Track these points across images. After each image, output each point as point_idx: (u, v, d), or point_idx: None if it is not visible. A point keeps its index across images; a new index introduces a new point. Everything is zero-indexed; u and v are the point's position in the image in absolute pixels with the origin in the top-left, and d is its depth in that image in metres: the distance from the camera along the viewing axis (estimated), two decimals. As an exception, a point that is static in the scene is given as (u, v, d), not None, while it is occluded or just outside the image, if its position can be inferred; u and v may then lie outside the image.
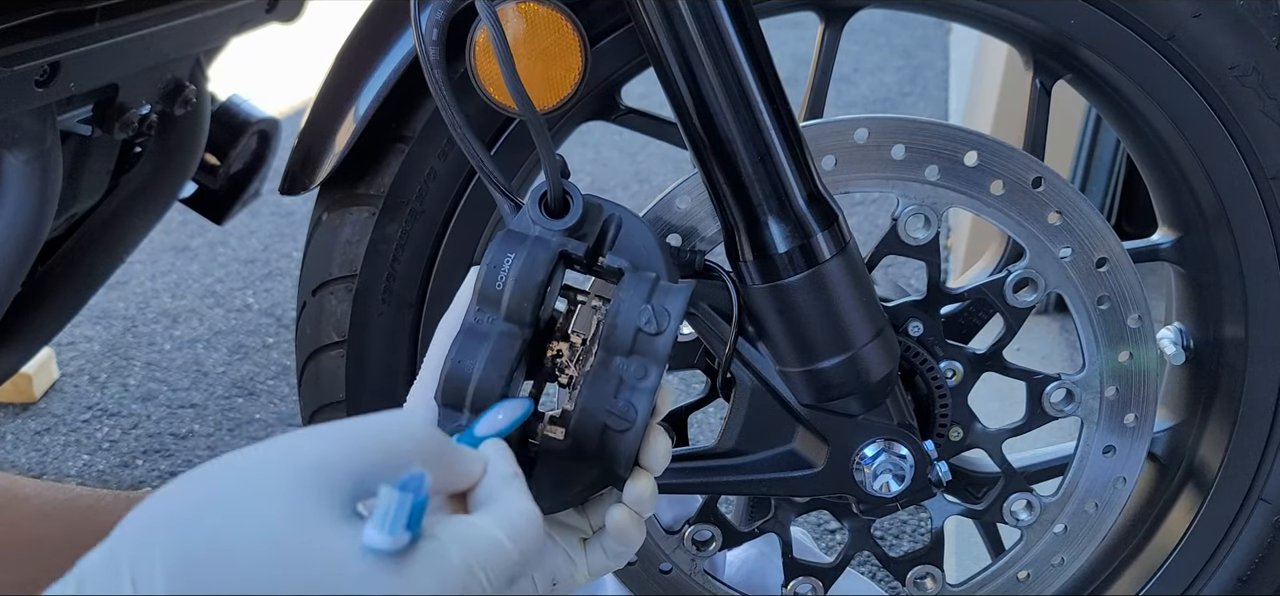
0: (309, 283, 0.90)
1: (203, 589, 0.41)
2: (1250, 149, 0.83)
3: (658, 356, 0.60)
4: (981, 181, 0.80)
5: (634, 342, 0.60)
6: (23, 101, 0.85)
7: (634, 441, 0.59)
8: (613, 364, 0.60)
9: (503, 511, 0.50)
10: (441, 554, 0.45)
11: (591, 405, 0.59)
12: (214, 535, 0.42)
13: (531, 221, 0.64)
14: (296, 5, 1.24)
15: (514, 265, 0.61)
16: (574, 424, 0.60)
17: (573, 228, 0.64)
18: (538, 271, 0.61)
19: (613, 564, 0.63)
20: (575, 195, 0.64)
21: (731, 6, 0.68)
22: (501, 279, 0.60)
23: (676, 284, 0.63)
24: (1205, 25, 0.80)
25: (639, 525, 0.62)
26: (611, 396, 0.59)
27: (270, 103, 1.43)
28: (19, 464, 1.65)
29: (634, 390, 0.59)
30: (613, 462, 0.60)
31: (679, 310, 0.61)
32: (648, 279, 0.62)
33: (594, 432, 0.59)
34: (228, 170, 1.35)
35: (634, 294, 0.61)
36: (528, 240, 0.62)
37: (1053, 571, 0.93)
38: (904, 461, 0.79)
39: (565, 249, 0.63)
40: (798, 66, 3.40)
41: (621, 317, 0.60)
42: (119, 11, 0.92)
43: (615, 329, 0.60)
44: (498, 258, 0.61)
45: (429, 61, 0.67)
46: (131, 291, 2.16)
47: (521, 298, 0.60)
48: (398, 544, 0.43)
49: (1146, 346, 0.85)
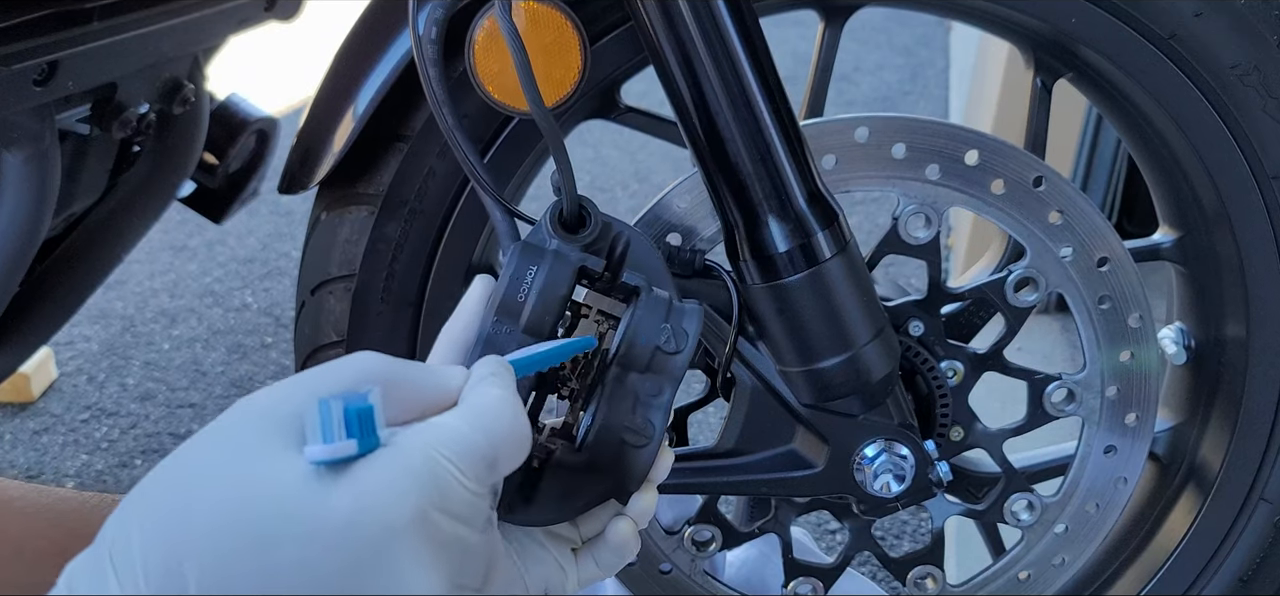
0: (308, 282, 0.90)
1: (171, 549, 0.41)
2: (1251, 148, 0.83)
3: (673, 374, 0.62)
4: (982, 180, 0.80)
5: (651, 360, 0.62)
6: (21, 100, 0.85)
7: (651, 456, 0.61)
8: (628, 380, 0.61)
9: (469, 403, 0.50)
10: (399, 454, 0.45)
11: (610, 420, 0.61)
12: (178, 499, 0.43)
13: (548, 235, 0.64)
14: (295, 4, 1.23)
15: (537, 278, 0.61)
16: (593, 437, 0.61)
17: (590, 243, 0.65)
18: (561, 286, 0.62)
19: (604, 574, 0.64)
20: (592, 210, 0.65)
21: (731, 5, 0.68)
22: (524, 292, 0.61)
23: (688, 304, 0.64)
24: (1207, 24, 0.80)
25: (638, 537, 0.63)
26: (629, 412, 0.61)
27: (269, 102, 1.42)
28: (17, 464, 1.65)
29: (650, 406, 0.61)
30: (627, 476, 0.61)
31: (696, 330, 0.62)
32: (663, 298, 0.63)
33: (612, 446, 0.61)
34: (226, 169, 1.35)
35: (652, 313, 0.62)
36: (548, 254, 0.63)
37: (1053, 571, 0.93)
38: (904, 461, 0.79)
39: (584, 264, 0.64)
40: (798, 65, 3.40)
41: (641, 335, 0.62)
42: (117, 10, 0.92)
43: (634, 346, 0.62)
44: (520, 270, 0.62)
45: (424, 61, 0.67)
46: (130, 291, 2.15)
47: (543, 311, 0.61)
48: (338, 453, 0.43)
49: (1147, 346, 0.85)
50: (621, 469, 0.61)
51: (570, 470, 0.61)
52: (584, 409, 0.63)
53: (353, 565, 0.42)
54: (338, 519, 0.42)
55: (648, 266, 0.66)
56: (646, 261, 0.66)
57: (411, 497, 0.44)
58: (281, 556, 0.41)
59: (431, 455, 0.45)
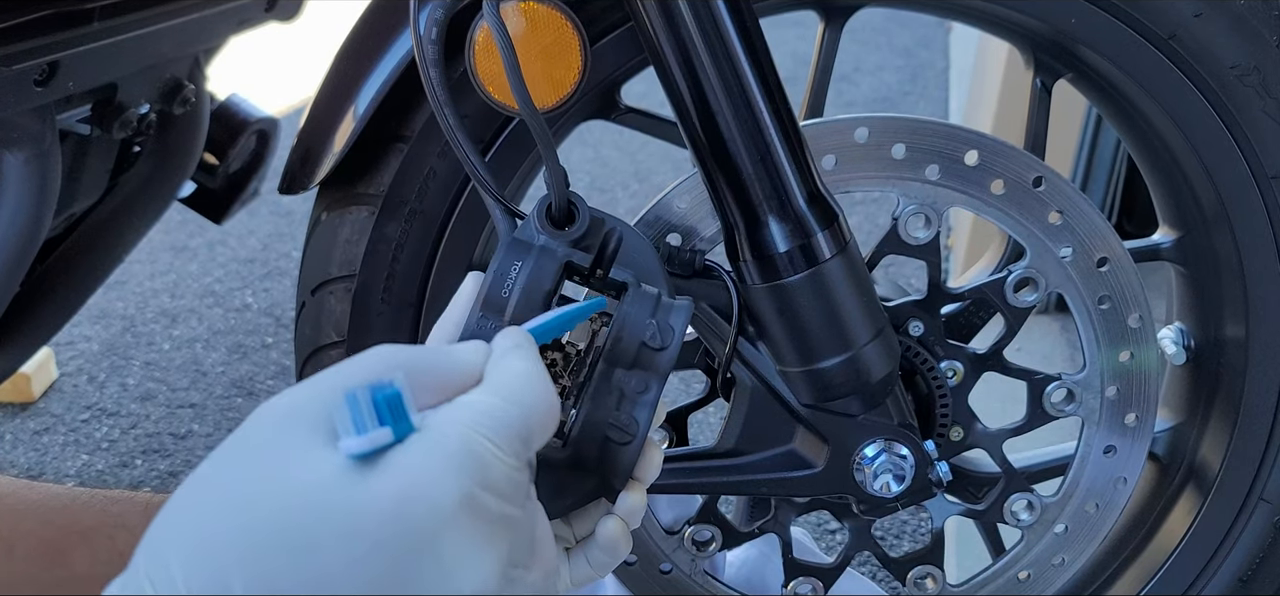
0: (308, 282, 0.90)
1: (214, 569, 0.40)
2: (1251, 148, 0.83)
3: (660, 371, 0.61)
4: (982, 181, 0.80)
5: (637, 356, 0.61)
6: (22, 101, 0.85)
7: (634, 454, 0.60)
8: (614, 376, 0.61)
9: (497, 378, 0.49)
10: (435, 437, 0.43)
11: (594, 416, 0.60)
12: (213, 516, 0.41)
13: (536, 230, 0.64)
14: (295, 4, 1.24)
15: (521, 274, 0.61)
16: (576, 434, 0.60)
17: (578, 239, 0.64)
18: (545, 281, 0.61)
19: (597, 574, 0.63)
20: (581, 206, 0.65)
21: (731, 5, 0.68)
22: (508, 287, 0.61)
23: (677, 300, 0.64)
24: (1206, 25, 0.80)
25: (628, 537, 0.62)
26: (613, 409, 0.60)
27: (269, 102, 1.42)
28: (18, 464, 1.65)
29: (636, 403, 0.61)
30: (611, 474, 0.60)
31: (682, 327, 0.62)
32: (651, 294, 0.63)
33: (595, 444, 0.60)
34: (227, 169, 1.35)
35: (639, 308, 0.62)
36: (534, 249, 0.63)
37: (1053, 571, 0.93)
38: (904, 461, 0.79)
39: (571, 259, 0.64)
40: (798, 66, 3.40)
41: (627, 331, 0.61)
42: (118, 11, 0.92)
43: (620, 342, 0.61)
44: (504, 265, 0.61)
45: (425, 61, 0.67)
46: (130, 291, 2.15)
47: (527, 306, 0.61)
48: (376, 442, 0.42)
49: (1147, 346, 0.85)
50: (606, 466, 0.60)
51: (557, 468, 0.60)
52: (577, 406, 0.63)
53: (403, 556, 0.40)
54: (383, 511, 0.40)
55: (641, 264, 0.66)
56: (640, 259, 0.66)
57: (455, 479, 0.42)
58: (330, 557, 0.40)
59: (467, 434, 0.44)
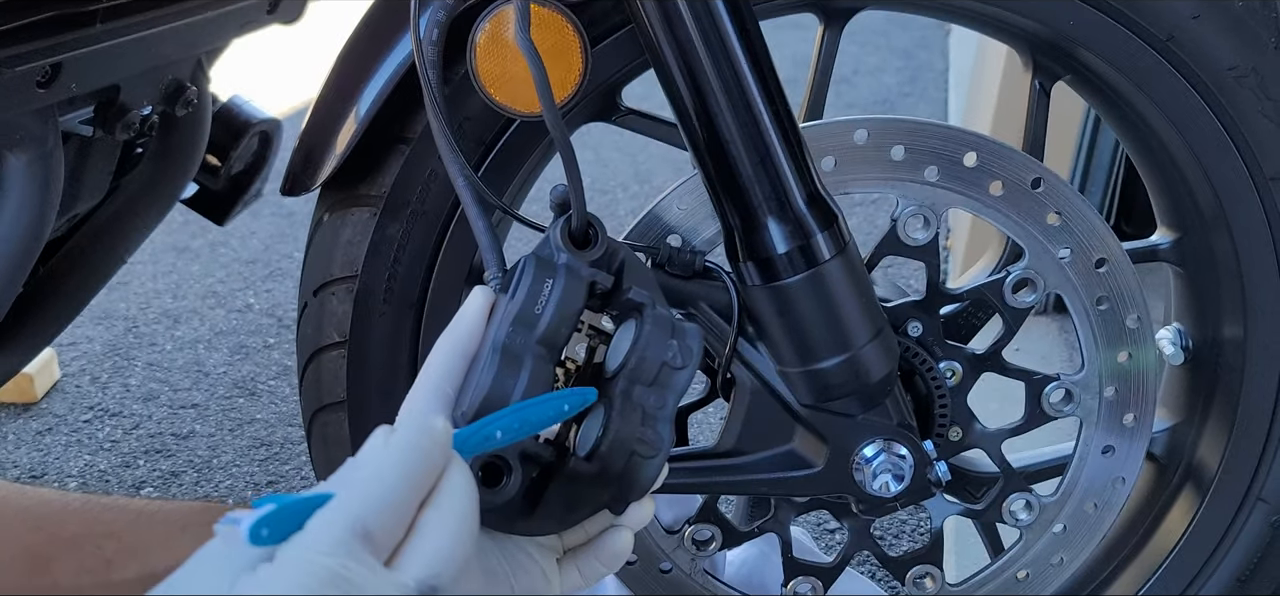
0: (310, 283, 0.90)
1: None
2: (1249, 150, 0.83)
3: (676, 388, 0.64)
4: (981, 182, 0.80)
5: (658, 374, 0.64)
6: (24, 102, 0.85)
7: (659, 468, 0.63)
8: (634, 393, 0.63)
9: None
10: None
11: (624, 432, 0.62)
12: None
13: (557, 248, 0.65)
14: (298, 6, 1.24)
15: (554, 291, 0.63)
16: (606, 448, 0.62)
17: (597, 260, 0.66)
18: (577, 300, 0.63)
19: (589, 583, 0.65)
20: (599, 227, 0.66)
21: (731, 7, 0.68)
22: (542, 303, 0.62)
23: (687, 322, 0.66)
24: (1204, 26, 0.80)
25: (631, 547, 0.65)
26: (639, 424, 0.63)
27: (272, 104, 1.42)
28: (20, 464, 1.65)
29: (657, 419, 0.63)
30: (632, 486, 0.63)
31: (700, 347, 0.65)
32: (667, 315, 0.65)
33: (622, 458, 0.62)
34: (229, 171, 1.35)
35: (659, 329, 0.64)
36: (560, 268, 0.64)
37: (1052, 571, 0.93)
38: (903, 461, 0.80)
39: (594, 280, 0.65)
40: (797, 68, 3.39)
41: (650, 351, 0.64)
42: (121, 12, 0.92)
43: (644, 361, 0.63)
44: (538, 283, 0.63)
45: (424, 64, 0.67)
46: (133, 292, 2.16)
47: (559, 324, 0.63)
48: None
49: (1145, 346, 0.86)
50: (628, 479, 0.63)
51: (578, 481, 0.62)
52: (579, 421, 0.65)
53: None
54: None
55: (641, 282, 0.68)
56: (642, 278, 0.68)
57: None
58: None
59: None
